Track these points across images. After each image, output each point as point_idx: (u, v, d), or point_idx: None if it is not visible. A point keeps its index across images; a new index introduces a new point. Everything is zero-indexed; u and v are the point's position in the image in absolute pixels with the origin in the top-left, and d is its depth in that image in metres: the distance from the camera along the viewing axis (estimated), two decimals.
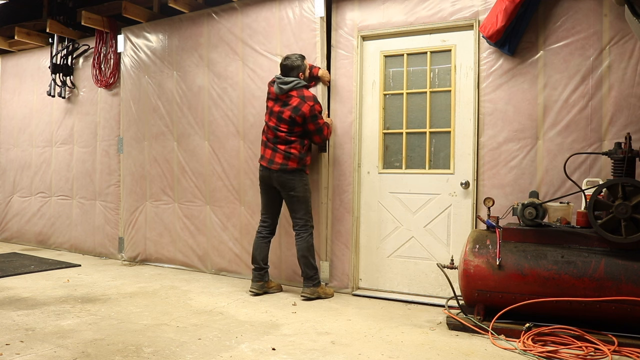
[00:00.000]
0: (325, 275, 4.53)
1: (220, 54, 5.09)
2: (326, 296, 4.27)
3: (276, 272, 4.78)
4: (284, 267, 4.78)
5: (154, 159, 5.58)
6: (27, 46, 6.77)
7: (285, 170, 4.17)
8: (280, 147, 4.19)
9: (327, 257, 4.58)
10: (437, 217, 4.24)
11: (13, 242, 7.02)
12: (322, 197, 4.56)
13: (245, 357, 2.90)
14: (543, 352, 2.94)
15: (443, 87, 4.24)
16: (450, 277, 3.75)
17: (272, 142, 4.23)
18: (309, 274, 4.22)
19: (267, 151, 4.26)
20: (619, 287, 3.07)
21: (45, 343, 3.06)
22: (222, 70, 5.08)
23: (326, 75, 4.50)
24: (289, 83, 4.19)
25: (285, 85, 4.19)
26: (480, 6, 4.04)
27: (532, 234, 3.42)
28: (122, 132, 5.84)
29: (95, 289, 4.49)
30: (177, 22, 5.41)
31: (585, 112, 3.74)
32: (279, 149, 4.19)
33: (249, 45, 4.91)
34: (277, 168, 4.18)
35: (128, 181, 5.79)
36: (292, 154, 4.17)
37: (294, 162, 4.17)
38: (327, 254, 4.57)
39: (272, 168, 4.19)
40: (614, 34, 3.66)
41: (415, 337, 3.31)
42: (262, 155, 4.31)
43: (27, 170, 6.89)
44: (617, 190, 3.13)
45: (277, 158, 4.19)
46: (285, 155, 4.17)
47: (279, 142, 4.20)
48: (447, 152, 4.23)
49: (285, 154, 4.17)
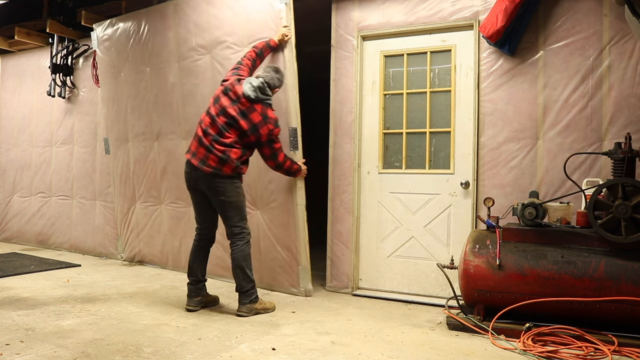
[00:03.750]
0: (325, 275, 4.53)
1: (189, 48, 4.78)
2: (266, 311, 3.79)
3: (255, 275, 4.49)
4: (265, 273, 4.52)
5: (137, 160, 5.43)
6: (27, 46, 6.77)
7: (217, 175, 3.69)
8: (218, 147, 3.69)
9: (328, 257, 4.58)
10: (437, 217, 4.24)
11: (13, 242, 7.02)
12: None
13: (245, 357, 2.90)
14: (543, 352, 2.94)
15: (443, 87, 4.24)
16: (450, 277, 3.75)
17: (210, 140, 3.71)
18: (245, 288, 3.73)
19: (200, 149, 3.73)
20: (619, 287, 3.07)
21: (45, 343, 3.06)
22: (192, 65, 4.78)
23: (284, 32, 4.12)
24: (265, 95, 3.77)
25: (262, 94, 3.74)
26: (480, 6, 4.04)
27: (532, 234, 3.42)
28: (107, 132, 5.73)
29: (95, 289, 4.48)
30: (143, 15, 5.13)
31: (585, 112, 3.74)
32: (216, 150, 3.68)
33: (215, 37, 4.59)
34: (209, 172, 3.68)
35: (117, 182, 5.72)
36: (230, 159, 3.68)
37: (229, 167, 3.69)
38: (327, 254, 4.57)
39: (203, 170, 3.69)
40: (614, 34, 3.66)
41: (415, 337, 3.31)
42: (194, 152, 3.77)
43: (27, 170, 6.89)
44: (617, 190, 3.13)
45: (210, 160, 3.68)
46: (220, 159, 3.67)
47: (219, 142, 3.70)
48: (447, 152, 4.23)
49: (221, 157, 3.67)
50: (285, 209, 4.32)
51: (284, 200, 4.33)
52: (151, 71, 5.14)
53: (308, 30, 5.70)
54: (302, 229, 4.26)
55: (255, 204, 4.51)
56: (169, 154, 5.14)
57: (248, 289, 3.74)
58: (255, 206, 4.51)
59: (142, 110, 5.30)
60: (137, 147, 5.41)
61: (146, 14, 5.16)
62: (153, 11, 5.09)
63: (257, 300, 3.78)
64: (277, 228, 4.40)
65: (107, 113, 5.70)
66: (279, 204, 4.37)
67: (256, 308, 3.75)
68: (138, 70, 5.27)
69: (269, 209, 4.44)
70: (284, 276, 4.41)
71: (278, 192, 4.36)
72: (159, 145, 5.20)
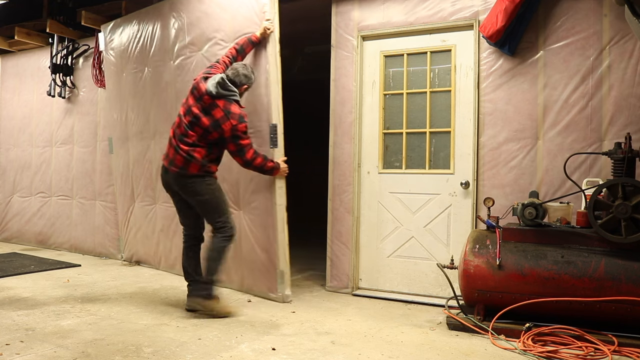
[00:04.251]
0: (325, 275, 4.53)
1: (182, 45, 4.74)
2: (210, 313, 3.65)
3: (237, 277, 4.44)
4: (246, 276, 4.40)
5: (136, 159, 5.41)
6: (27, 46, 6.77)
7: (184, 175, 3.68)
8: (183, 147, 3.68)
9: (327, 257, 4.58)
10: (437, 217, 4.24)
11: (13, 242, 7.02)
12: None
13: (245, 357, 2.90)
14: (543, 352, 2.94)
15: (443, 87, 4.24)
16: (450, 277, 3.75)
17: (177, 140, 3.72)
18: (202, 279, 3.71)
19: (170, 150, 3.77)
20: (619, 287, 3.07)
21: (45, 343, 3.06)
22: (184, 63, 4.73)
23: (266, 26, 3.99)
24: (227, 90, 3.68)
25: (223, 89, 3.66)
26: (480, 6, 4.04)
27: (532, 234, 3.42)
28: (110, 131, 5.76)
29: (95, 289, 4.48)
30: (144, 15, 5.13)
31: (585, 112, 3.74)
32: (181, 150, 3.68)
33: (204, 33, 4.53)
34: (176, 172, 3.69)
35: (119, 182, 5.73)
36: (194, 158, 3.66)
37: (195, 167, 3.67)
38: (327, 254, 4.57)
39: (171, 171, 3.71)
40: (614, 34, 3.66)
41: (415, 337, 3.31)
42: (166, 154, 3.81)
43: (27, 170, 6.89)
44: (617, 190, 3.13)
45: (177, 160, 3.69)
46: (185, 159, 3.66)
47: (183, 142, 3.69)
48: (447, 152, 4.22)
49: (186, 157, 3.66)
50: (265, 209, 4.17)
51: (264, 200, 4.17)
52: (149, 70, 5.14)
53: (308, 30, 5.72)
54: (281, 231, 4.08)
55: (238, 203, 4.37)
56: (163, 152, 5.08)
57: (204, 281, 3.69)
58: (238, 206, 4.37)
59: (140, 109, 5.30)
60: (136, 146, 5.40)
61: (146, 13, 5.17)
62: (152, 10, 5.09)
63: (209, 298, 3.68)
64: (257, 229, 4.25)
65: (111, 113, 5.71)
66: (260, 203, 4.21)
67: (203, 305, 3.67)
68: (137, 69, 5.27)
69: (250, 209, 4.30)
70: (262, 280, 4.24)
71: (258, 192, 4.21)
72: (155, 143, 5.17)
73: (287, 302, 4.07)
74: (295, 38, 6.33)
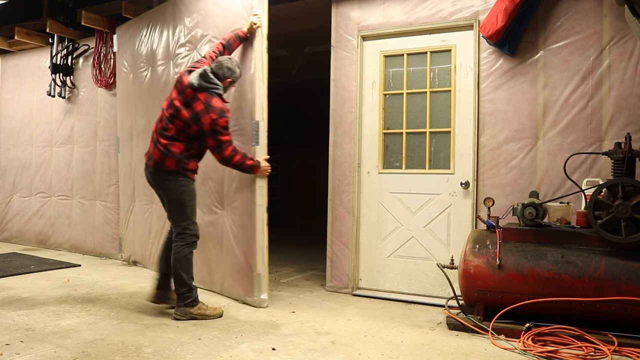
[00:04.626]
0: (325, 275, 4.53)
1: (180, 44, 4.72)
2: (204, 317, 3.59)
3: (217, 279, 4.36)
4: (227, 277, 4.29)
5: (138, 158, 5.36)
6: (27, 46, 6.77)
7: (160, 170, 3.63)
8: (162, 141, 3.61)
9: (327, 257, 4.58)
10: (437, 217, 4.24)
11: (13, 242, 7.02)
12: None
13: (245, 357, 2.90)
14: (543, 352, 2.94)
15: (443, 87, 4.24)
16: (450, 277, 3.75)
17: (157, 134, 3.68)
18: (179, 291, 3.61)
19: (151, 145, 3.73)
20: (619, 287, 3.07)
21: (45, 343, 3.06)
22: (182, 62, 4.69)
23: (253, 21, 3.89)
24: (209, 83, 3.59)
25: (204, 82, 3.58)
26: (480, 6, 4.04)
27: (532, 234, 3.42)
28: (118, 131, 5.80)
29: (95, 289, 4.48)
30: (150, 16, 5.15)
31: (585, 112, 3.74)
32: (160, 144, 3.62)
33: (199, 31, 4.49)
34: (152, 166, 3.66)
35: (122, 181, 5.75)
36: (171, 153, 3.58)
37: (171, 162, 3.59)
38: (327, 254, 4.57)
39: (149, 165, 3.68)
40: (614, 34, 3.66)
41: (415, 337, 3.31)
42: (148, 149, 3.78)
43: (27, 170, 6.89)
44: (617, 190, 3.13)
45: (155, 154, 3.65)
46: (162, 153, 3.60)
47: (163, 136, 3.63)
48: (447, 152, 4.22)
49: (163, 151, 3.60)
50: (246, 210, 4.04)
51: (245, 199, 4.05)
52: (153, 71, 5.15)
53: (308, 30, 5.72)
54: (260, 232, 3.92)
55: (222, 203, 4.29)
56: None
57: (182, 292, 3.61)
58: (222, 206, 4.29)
59: (144, 110, 5.32)
60: (139, 146, 5.41)
61: (151, 15, 5.22)
62: (157, 12, 5.13)
63: (194, 305, 3.61)
64: (238, 229, 4.13)
65: (120, 114, 5.74)
66: (241, 203, 4.10)
67: (192, 312, 3.59)
68: (143, 70, 5.32)
69: (232, 208, 4.20)
70: (240, 283, 4.11)
71: (240, 191, 4.10)
72: None
73: (263, 307, 3.92)
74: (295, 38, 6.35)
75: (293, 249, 6.83)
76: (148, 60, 5.21)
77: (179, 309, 3.60)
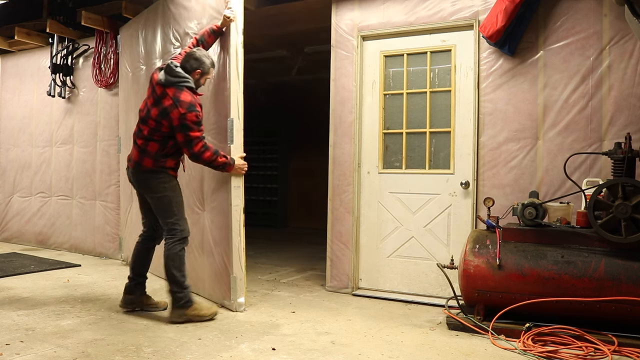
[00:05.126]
0: (325, 275, 4.53)
1: (168, 42, 4.66)
2: (200, 319, 3.52)
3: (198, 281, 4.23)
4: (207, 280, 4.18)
5: None
6: (27, 46, 6.77)
7: (139, 170, 3.60)
8: (139, 141, 3.60)
9: (327, 257, 4.58)
10: (437, 217, 4.24)
11: (13, 242, 7.02)
12: None
13: (245, 357, 2.90)
14: (543, 352, 2.94)
15: (443, 87, 4.24)
16: (450, 277, 3.75)
17: (135, 135, 3.67)
18: (172, 290, 3.53)
19: (132, 146, 3.72)
20: (619, 287, 3.07)
21: (45, 343, 3.06)
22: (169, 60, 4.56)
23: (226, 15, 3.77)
24: (175, 77, 3.50)
25: (170, 76, 3.51)
26: (480, 6, 4.04)
27: (532, 234, 3.42)
28: (120, 131, 5.80)
29: (95, 289, 4.48)
30: (146, 15, 5.13)
31: (585, 112, 3.74)
32: (137, 145, 3.62)
33: (183, 28, 4.44)
34: (132, 167, 3.64)
35: (122, 181, 5.74)
36: (147, 152, 3.56)
37: (148, 162, 3.57)
38: (327, 254, 4.57)
39: (129, 165, 3.68)
40: (614, 34, 3.66)
41: (415, 337, 3.31)
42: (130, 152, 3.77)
43: (27, 170, 6.89)
44: (617, 190, 3.13)
45: (133, 154, 3.64)
46: (139, 152, 3.58)
47: (139, 136, 3.61)
48: (447, 152, 4.22)
49: (139, 151, 3.58)
50: (222, 210, 3.94)
51: (222, 200, 3.95)
52: (147, 70, 5.14)
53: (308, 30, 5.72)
54: (237, 234, 3.79)
55: (203, 204, 4.21)
56: None
57: (175, 291, 3.53)
58: (203, 206, 4.21)
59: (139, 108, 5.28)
60: None
61: (147, 14, 5.19)
62: (151, 11, 5.11)
63: (189, 306, 3.52)
64: (216, 231, 4.03)
65: (121, 113, 5.73)
66: (218, 204, 4.00)
67: (187, 314, 3.51)
68: (139, 69, 5.29)
69: (211, 209, 4.11)
70: (218, 285, 4.01)
71: (218, 191, 4.00)
72: None
73: (240, 311, 3.80)
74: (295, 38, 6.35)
75: (293, 249, 6.84)
76: (144, 60, 5.20)
77: (175, 311, 3.53)
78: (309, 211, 9.16)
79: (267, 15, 5.23)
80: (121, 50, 5.74)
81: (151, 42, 5.03)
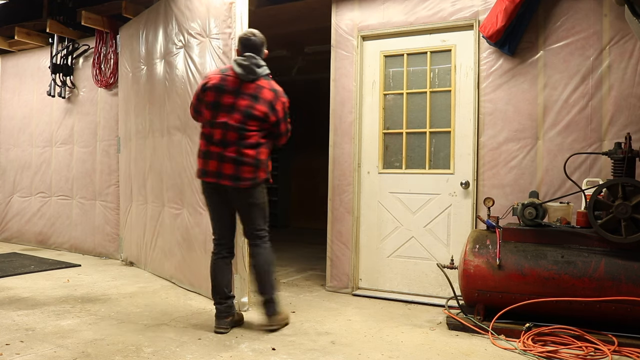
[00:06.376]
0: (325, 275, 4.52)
1: (170, 42, 4.69)
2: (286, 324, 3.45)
3: None
4: None
5: (134, 158, 5.40)
6: (27, 46, 6.77)
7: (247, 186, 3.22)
8: (248, 152, 3.18)
9: (327, 257, 4.58)
10: (437, 217, 4.24)
11: (13, 242, 7.02)
12: None
13: (245, 357, 2.90)
14: (543, 352, 2.94)
15: (443, 87, 4.24)
16: (450, 277, 3.75)
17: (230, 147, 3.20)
18: (272, 298, 3.34)
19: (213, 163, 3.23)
20: (619, 287, 3.07)
21: (45, 343, 3.06)
22: (172, 60, 4.65)
23: None
24: (262, 67, 3.28)
25: (259, 68, 3.25)
26: (480, 6, 4.04)
27: (532, 234, 3.42)
28: (119, 131, 5.81)
29: (95, 289, 4.48)
30: (146, 15, 5.15)
31: (585, 112, 3.74)
32: (244, 157, 3.18)
33: (186, 28, 4.45)
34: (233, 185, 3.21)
35: (122, 181, 5.76)
36: (261, 162, 3.24)
37: (262, 174, 3.27)
38: (327, 254, 4.57)
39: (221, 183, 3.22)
40: (614, 34, 3.66)
41: (415, 337, 3.31)
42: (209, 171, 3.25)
43: (27, 170, 6.89)
44: (617, 190, 3.13)
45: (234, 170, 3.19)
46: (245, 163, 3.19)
47: (244, 145, 3.18)
48: (447, 152, 4.23)
49: (245, 163, 3.19)
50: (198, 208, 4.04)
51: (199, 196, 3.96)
52: (148, 70, 5.15)
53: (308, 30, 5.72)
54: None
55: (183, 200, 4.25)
56: (154, 151, 5.02)
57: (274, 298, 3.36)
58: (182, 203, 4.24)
59: (140, 109, 5.31)
60: (136, 145, 5.41)
61: (147, 14, 5.19)
62: (152, 11, 5.11)
63: (280, 311, 3.40)
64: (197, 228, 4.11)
65: (121, 114, 5.74)
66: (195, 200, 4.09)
67: (279, 320, 3.39)
68: (140, 69, 5.30)
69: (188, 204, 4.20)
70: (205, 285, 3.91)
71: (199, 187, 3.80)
72: (149, 142, 5.12)
73: (243, 310, 3.78)
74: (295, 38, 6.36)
75: (293, 249, 6.83)
76: (145, 60, 5.20)
77: (273, 317, 3.34)
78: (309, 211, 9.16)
79: (267, 15, 5.24)
80: (121, 50, 5.75)
81: (152, 42, 5.04)
